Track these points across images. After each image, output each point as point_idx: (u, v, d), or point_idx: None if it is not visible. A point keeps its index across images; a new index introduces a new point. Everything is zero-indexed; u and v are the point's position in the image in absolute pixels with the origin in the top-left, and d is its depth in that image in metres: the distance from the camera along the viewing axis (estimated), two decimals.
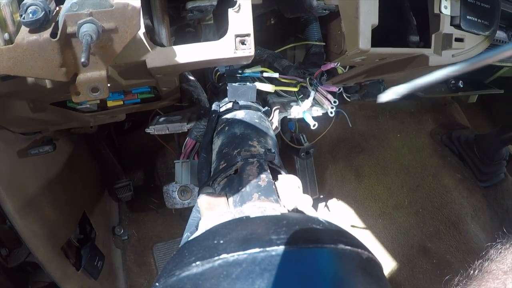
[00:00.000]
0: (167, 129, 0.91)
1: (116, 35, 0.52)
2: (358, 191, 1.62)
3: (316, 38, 0.96)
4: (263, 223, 0.39)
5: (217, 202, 0.51)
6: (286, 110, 0.98)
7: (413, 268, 1.45)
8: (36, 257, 0.93)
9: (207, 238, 0.38)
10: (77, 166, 1.28)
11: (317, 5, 0.78)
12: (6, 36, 0.50)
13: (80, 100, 0.57)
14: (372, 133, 1.72)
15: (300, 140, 1.36)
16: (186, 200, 0.96)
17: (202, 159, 0.73)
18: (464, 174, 1.62)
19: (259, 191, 0.51)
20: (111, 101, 0.81)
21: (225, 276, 0.31)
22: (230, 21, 0.64)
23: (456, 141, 1.66)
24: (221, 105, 0.88)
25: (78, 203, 1.23)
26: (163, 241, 1.51)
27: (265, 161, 0.60)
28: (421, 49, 0.81)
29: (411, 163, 1.66)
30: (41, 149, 0.93)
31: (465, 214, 1.53)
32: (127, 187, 1.49)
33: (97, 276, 1.19)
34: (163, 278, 0.36)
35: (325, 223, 0.40)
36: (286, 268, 0.32)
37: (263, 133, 0.72)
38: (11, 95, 0.64)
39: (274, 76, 0.92)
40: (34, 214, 0.94)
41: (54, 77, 0.52)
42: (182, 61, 0.64)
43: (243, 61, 0.70)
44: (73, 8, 0.49)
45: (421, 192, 1.60)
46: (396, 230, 1.53)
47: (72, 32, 0.49)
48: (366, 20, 0.69)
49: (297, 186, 0.55)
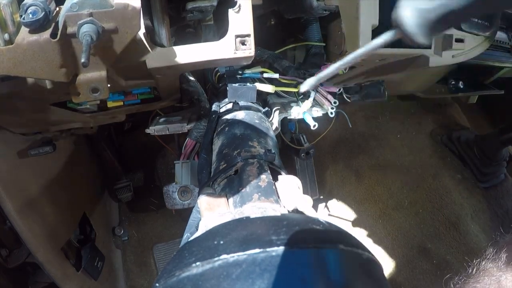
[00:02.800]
0: (167, 129, 0.91)
1: (116, 36, 0.52)
2: (358, 192, 1.62)
3: (316, 38, 0.96)
4: (263, 224, 0.39)
5: (217, 203, 0.51)
6: (286, 111, 0.98)
7: (413, 268, 1.45)
8: (36, 258, 0.93)
9: (207, 238, 0.38)
10: (77, 167, 1.28)
11: (317, 6, 0.78)
12: (6, 37, 0.50)
13: (80, 100, 0.57)
14: (372, 133, 1.72)
15: (300, 140, 1.36)
16: (186, 200, 0.95)
17: (202, 160, 0.73)
18: (464, 175, 1.62)
19: (259, 191, 0.51)
20: (111, 102, 0.81)
21: (225, 276, 0.31)
22: (230, 21, 0.64)
23: (456, 141, 1.66)
24: (221, 106, 0.88)
25: (78, 204, 1.23)
26: (163, 241, 1.51)
27: (265, 161, 0.60)
28: (421, 50, 0.81)
29: (411, 164, 1.66)
30: (41, 150, 0.93)
31: (465, 214, 1.53)
32: (127, 188, 1.49)
33: (97, 276, 1.19)
34: (163, 278, 0.36)
35: (325, 223, 0.40)
36: (286, 269, 0.32)
37: (263, 133, 0.72)
38: (11, 95, 0.64)
39: (274, 77, 0.92)
40: (34, 214, 0.94)
41: (54, 77, 0.52)
42: (182, 61, 0.64)
43: (243, 61, 0.70)
44: (73, 8, 0.49)
45: (421, 193, 1.60)
46: (396, 231, 1.53)
47: (72, 32, 0.49)
48: (366, 20, 0.69)
49: (297, 187, 0.55)
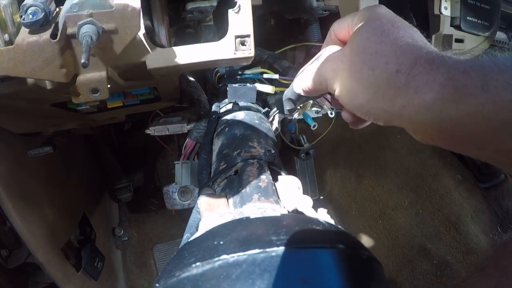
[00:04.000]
0: (167, 130, 0.91)
1: (116, 36, 0.52)
2: (358, 192, 1.62)
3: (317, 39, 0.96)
4: (263, 224, 0.39)
5: (217, 203, 0.51)
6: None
7: (413, 269, 1.44)
8: (36, 258, 0.93)
9: (207, 239, 0.38)
10: (77, 167, 1.28)
11: (317, 6, 0.78)
12: (6, 37, 0.50)
13: (80, 101, 0.57)
14: (372, 134, 1.72)
15: (300, 141, 1.36)
16: (186, 201, 0.95)
17: (202, 160, 0.73)
18: (464, 175, 1.62)
19: (259, 192, 0.51)
20: (111, 102, 0.81)
21: (225, 277, 0.31)
22: (230, 22, 0.64)
23: None
24: (221, 106, 0.88)
25: (78, 204, 1.23)
26: (163, 242, 1.51)
27: (265, 162, 0.60)
28: None
29: (411, 164, 1.66)
30: (41, 150, 0.92)
31: (465, 215, 1.53)
32: (127, 188, 1.49)
33: (97, 277, 1.19)
34: (163, 279, 0.36)
35: (325, 224, 0.40)
36: (286, 269, 0.32)
37: (263, 134, 0.72)
38: (11, 96, 0.64)
39: (274, 77, 0.92)
40: (34, 215, 0.94)
41: (54, 78, 0.52)
42: (182, 62, 0.64)
43: (243, 62, 0.70)
44: (73, 9, 0.49)
45: (421, 193, 1.60)
46: (396, 231, 1.53)
47: (72, 33, 0.49)
48: None
49: (297, 187, 0.55)
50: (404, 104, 0.37)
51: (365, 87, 0.40)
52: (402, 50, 0.38)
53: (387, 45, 0.39)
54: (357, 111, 0.44)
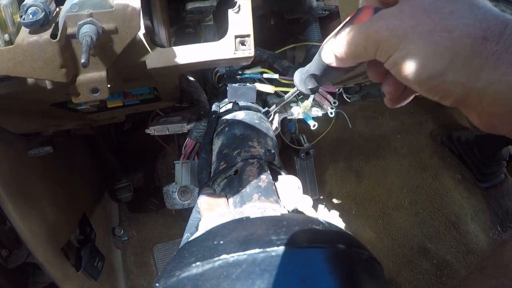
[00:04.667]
0: (167, 129, 0.91)
1: (116, 36, 0.52)
2: (358, 192, 1.62)
3: (316, 38, 0.96)
4: (263, 224, 0.39)
5: (217, 203, 0.51)
6: (286, 111, 0.98)
7: (413, 268, 1.45)
8: (36, 258, 0.93)
9: (207, 238, 0.38)
10: (77, 167, 1.28)
11: (317, 6, 0.78)
12: (6, 37, 0.50)
13: (80, 101, 0.57)
14: (372, 133, 1.72)
15: (300, 140, 1.37)
16: (186, 201, 0.95)
17: (202, 160, 0.73)
18: (464, 175, 1.62)
19: (259, 191, 0.51)
20: (110, 102, 0.81)
21: (225, 276, 0.31)
22: (230, 22, 0.64)
23: (456, 141, 1.66)
24: (221, 106, 0.88)
25: (78, 204, 1.23)
26: (163, 241, 1.51)
27: (265, 161, 0.60)
28: None
29: (411, 164, 1.66)
30: (41, 150, 0.92)
31: (465, 214, 1.53)
32: (127, 188, 1.49)
33: (97, 276, 1.19)
34: (163, 278, 0.36)
35: (325, 223, 0.40)
36: (286, 269, 0.32)
37: (263, 133, 0.72)
38: (11, 96, 0.64)
39: (274, 77, 0.92)
40: (34, 215, 0.94)
41: (54, 78, 0.52)
42: (182, 62, 0.64)
43: (243, 62, 0.70)
44: (73, 9, 0.49)
45: (421, 193, 1.60)
46: (396, 231, 1.53)
47: (72, 33, 0.49)
48: None
49: (297, 187, 0.55)
50: (492, 80, 0.30)
51: (438, 53, 0.31)
52: (484, 13, 0.31)
53: (463, 5, 0.31)
54: (422, 84, 0.33)
